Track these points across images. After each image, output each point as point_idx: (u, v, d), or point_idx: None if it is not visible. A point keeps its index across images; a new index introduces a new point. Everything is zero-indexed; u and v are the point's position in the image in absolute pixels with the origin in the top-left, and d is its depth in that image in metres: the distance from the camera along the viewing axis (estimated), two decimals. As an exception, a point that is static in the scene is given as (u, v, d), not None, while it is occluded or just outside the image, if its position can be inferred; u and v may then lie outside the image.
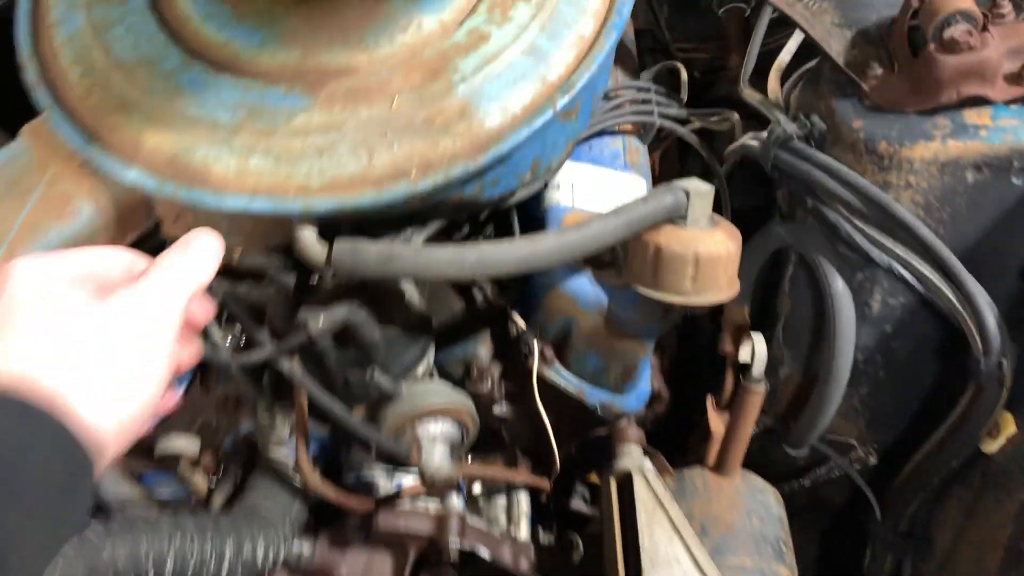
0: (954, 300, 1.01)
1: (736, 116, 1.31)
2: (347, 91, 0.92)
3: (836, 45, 1.09)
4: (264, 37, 0.96)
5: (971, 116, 1.00)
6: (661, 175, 1.51)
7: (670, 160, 1.58)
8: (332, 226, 0.94)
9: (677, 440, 1.39)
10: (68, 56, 0.98)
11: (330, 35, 0.95)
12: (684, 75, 1.39)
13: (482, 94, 0.92)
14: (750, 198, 1.36)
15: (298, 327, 0.93)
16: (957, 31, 0.98)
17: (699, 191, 0.98)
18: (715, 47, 1.70)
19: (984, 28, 0.99)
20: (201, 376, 1.17)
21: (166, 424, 1.14)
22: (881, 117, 1.03)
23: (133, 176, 0.89)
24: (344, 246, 0.88)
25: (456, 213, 1.07)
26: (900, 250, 1.03)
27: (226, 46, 0.96)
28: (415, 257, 0.89)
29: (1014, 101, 1.01)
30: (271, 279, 0.98)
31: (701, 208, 0.99)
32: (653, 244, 0.98)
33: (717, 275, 0.99)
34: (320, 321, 0.92)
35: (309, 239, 0.90)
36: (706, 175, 1.54)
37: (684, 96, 1.35)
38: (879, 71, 1.05)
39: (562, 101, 0.94)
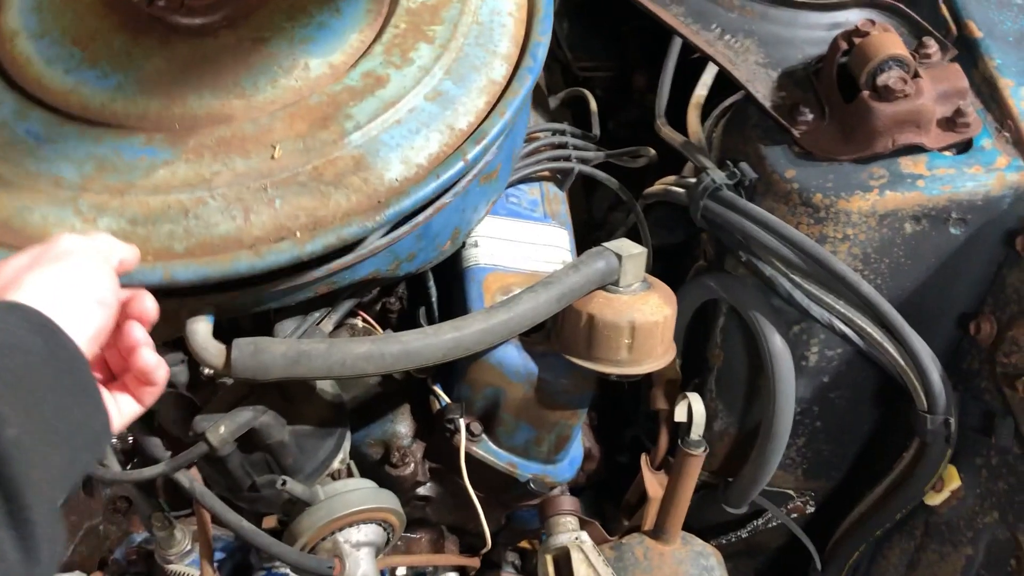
0: (896, 355, 0.98)
1: (653, 152, 1.25)
2: (219, 141, 0.81)
3: (762, 88, 1.04)
4: (120, 82, 0.84)
5: (907, 165, 0.96)
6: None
7: (575, 193, 1.52)
8: (228, 318, 0.83)
9: (607, 489, 1.34)
10: None
11: (199, 79, 0.84)
12: (594, 106, 1.32)
13: (380, 144, 0.82)
14: (669, 235, 1.31)
15: (196, 437, 0.81)
16: (891, 78, 0.93)
17: (631, 254, 0.92)
18: (617, 65, 1.64)
19: (916, 74, 0.95)
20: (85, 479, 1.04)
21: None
22: (814, 166, 0.99)
23: None
24: (245, 347, 0.78)
25: (370, 290, 0.97)
26: (839, 305, 0.99)
27: (73, 92, 0.84)
28: (327, 356, 0.79)
29: (947, 148, 0.98)
30: (161, 378, 0.86)
31: (634, 272, 0.93)
32: (585, 313, 0.91)
33: (654, 343, 0.93)
34: (221, 430, 0.81)
35: (203, 337, 0.79)
36: (616, 207, 1.49)
37: (596, 130, 1.28)
38: (809, 116, 1.00)
39: (473, 151, 0.84)
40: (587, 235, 1.45)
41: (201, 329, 0.79)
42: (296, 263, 0.76)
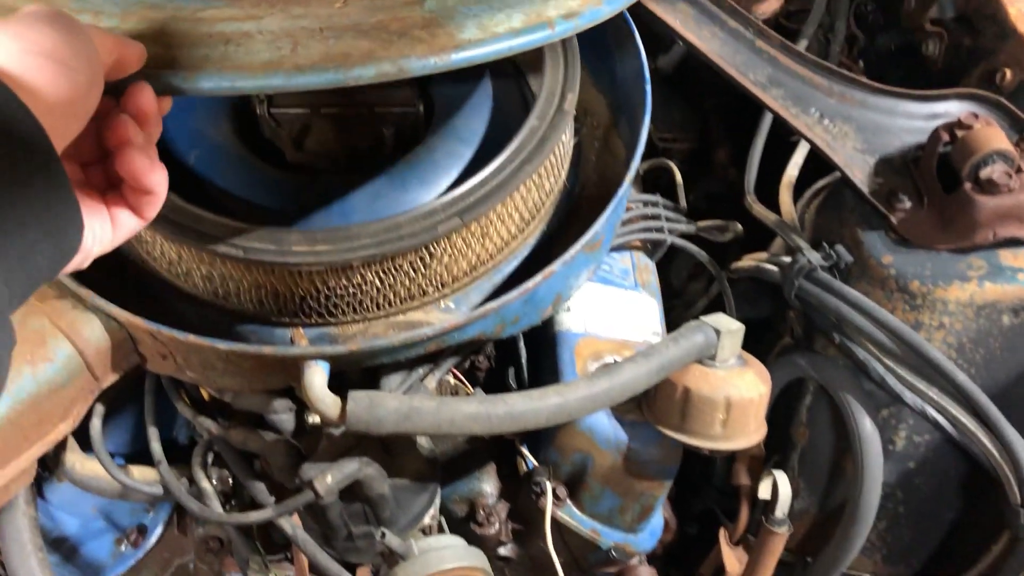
0: (990, 446, 0.97)
1: (740, 227, 1.27)
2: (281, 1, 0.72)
3: (859, 172, 1.06)
4: None
5: (1007, 257, 0.97)
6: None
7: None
8: (338, 371, 0.86)
9: (675, 560, 1.33)
10: None
11: None
12: (679, 178, 1.35)
13: (456, 11, 0.71)
14: (752, 310, 1.32)
15: (303, 485, 0.84)
16: (995, 172, 0.95)
17: (729, 330, 0.93)
18: (697, 138, 1.67)
19: (1019, 168, 0.96)
20: (178, 514, 1.06)
21: (138, 566, 1.03)
22: (911, 253, 1.00)
23: None
24: (361, 400, 0.80)
25: (475, 350, 1.00)
26: (932, 392, 0.99)
27: None
28: (437, 413, 0.81)
29: (1049, 242, 0.99)
30: (269, 425, 0.89)
31: (731, 347, 0.94)
32: (681, 386, 0.92)
33: (748, 419, 0.94)
34: (328, 479, 0.84)
35: (320, 388, 0.81)
36: (694, 277, 1.51)
37: (682, 201, 1.31)
38: (907, 204, 1.01)
39: (562, 25, 0.72)
40: (664, 303, 1.46)
41: (318, 380, 0.81)
42: (340, 84, 0.66)
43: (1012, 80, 1.12)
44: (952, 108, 1.08)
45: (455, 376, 1.05)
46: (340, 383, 0.84)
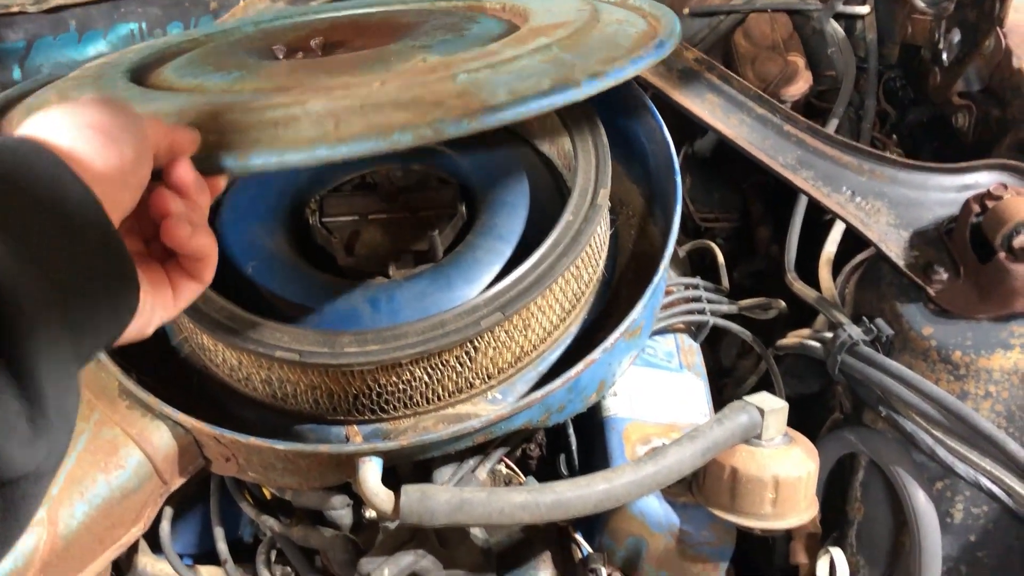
0: (1048, 515, 0.96)
1: (783, 304, 1.28)
2: (324, 87, 0.79)
3: (894, 247, 1.08)
4: (241, 75, 0.88)
5: (1048, 324, 0.98)
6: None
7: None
8: (391, 465, 0.89)
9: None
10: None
11: (315, 71, 0.87)
12: (721, 259, 1.37)
13: (488, 81, 0.76)
14: (800, 386, 1.33)
15: (362, 579, 0.87)
16: (1028, 240, 0.96)
17: (773, 408, 0.95)
18: (737, 217, 1.69)
19: (1052, 235, 0.97)
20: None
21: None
22: (952, 323, 1.01)
23: None
24: (413, 493, 0.83)
25: (525, 438, 1.03)
26: (986, 463, 0.98)
27: (196, 87, 0.87)
28: (487, 504, 0.84)
29: (1087, 306, 0.99)
30: (328, 521, 0.93)
31: (776, 426, 0.95)
32: (729, 466, 0.94)
33: (797, 497, 0.94)
34: (385, 572, 0.86)
35: (374, 483, 0.84)
36: (743, 355, 1.52)
37: (724, 281, 1.33)
38: (944, 275, 1.02)
39: (591, 83, 0.78)
40: (715, 382, 1.48)
41: (371, 475, 0.85)
42: (380, 152, 0.70)
43: (1041, 149, 1.14)
44: (982, 179, 1.10)
45: (507, 465, 1.07)
46: (394, 477, 0.88)
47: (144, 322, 0.61)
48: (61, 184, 0.50)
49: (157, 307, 0.63)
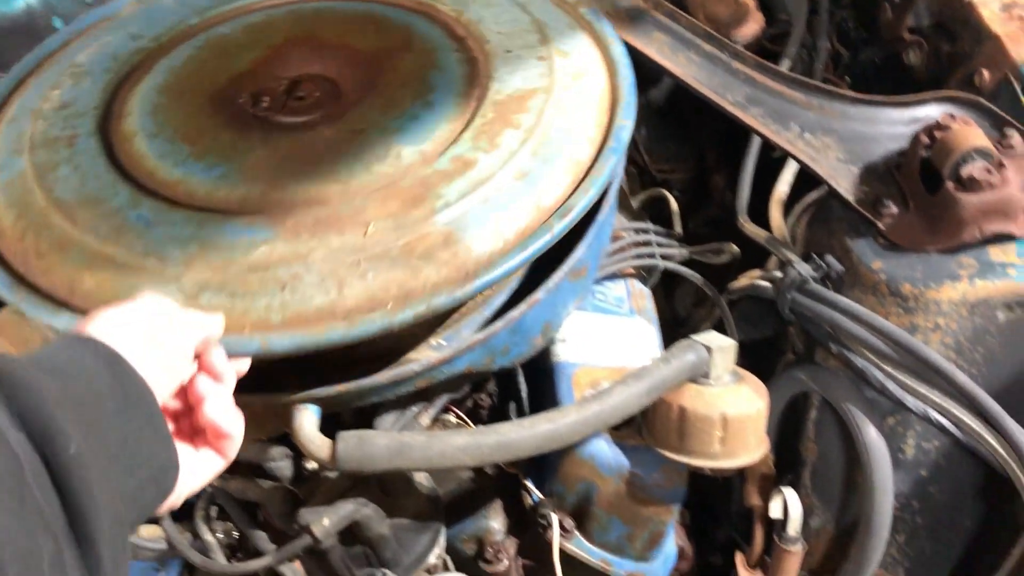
0: (997, 447, 0.95)
1: (735, 248, 1.27)
2: (315, 221, 0.84)
3: (844, 182, 1.06)
4: (224, 172, 0.90)
5: (996, 254, 0.97)
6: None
7: (657, 292, 1.54)
8: (331, 414, 0.86)
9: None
10: (2, 201, 0.91)
11: (299, 167, 0.90)
12: (675, 205, 1.35)
13: (468, 220, 0.84)
14: (754, 330, 1.31)
15: (301, 530, 0.84)
16: (975, 169, 0.94)
17: (721, 347, 0.93)
18: (694, 167, 1.67)
19: (1000, 164, 0.96)
20: (188, 570, 1.07)
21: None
22: (901, 257, 0.99)
23: (64, 322, 0.80)
24: (349, 439, 0.81)
25: (464, 384, 1.00)
26: (935, 395, 0.97)
27: (181, 183, 0.90)
28: (428, 447, 0.81)
29: (1038, 234, 0.98)
30: (267, 473, 0.90)
31: (723, 364, 0.94)
32: (676, 406, 0.92)
33: (746, 435, 0.93)
34: (324, 522, 0.84)
35: (310, 431, 0.82)
36: (699, 303, 1.50)
37: (678, 228, 1.31)
38: (893, 209, 1.01)
39: (559, 225, 0.85)
40: (671, 332, 1.46)
41: (307, 422, 0.82)
42: (387, 332, 0.78)
43: (990, 80, 1.12)
44: (931, 111, 1.08)
45: (457, 415, 1.05)
46: (334, 427, 0.85)
47: (175, 497, 0.67)
48: (128, 386, 0.59)
49: (187, 482, 0.68)
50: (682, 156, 1.68)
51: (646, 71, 1.24)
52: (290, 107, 0.97)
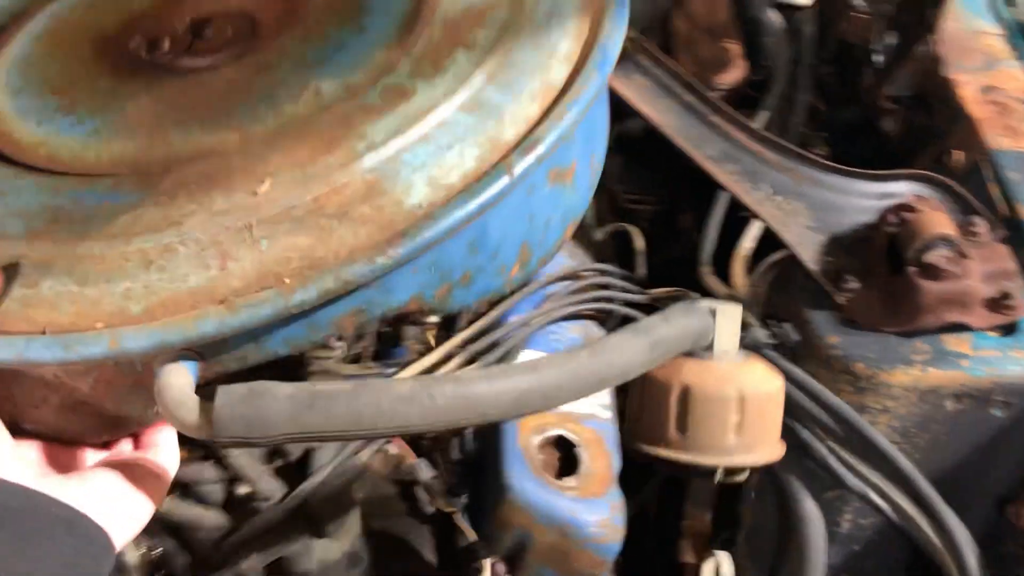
0: (931, 534, 0.96)
1: (696, 296, 1.26)
2: (199, 176, 0.67)
3: (809, 251, 1.06)
4: (96, 126, 0.74)
5: (951, 343, 0.97)
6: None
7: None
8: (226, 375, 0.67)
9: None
10: None
11: (187, 115, 0.73)
12: (640, 244, 1.34)
13: (400, 165, 0.67)
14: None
15: (227, 559, 0.82)
16: (938, 257, 0.95)
17: (726, 312, 0.78)
18: (664, 200, 1.67)
19: (963, 254, 0.96)
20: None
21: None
22: (858, 335, 0.99)
23: None
24: (234, 393, 0.58)
25: (407, 342, 0.82)
26: (875, 477, 0.98)
27: (42, 143, 0.73)
28: (354, 398, 0.58)
29: (993, 328, 0.98)
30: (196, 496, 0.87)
31: (729, 334, 0.80)
32: (678, 385, 0.79)
33: (767, 421, 0.81)
34: (251, 555, 0.82)
35: (179, 391, 0.59)
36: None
37: (641, 269, 1.30)
38: (854, 285, 1.01)
39: (522, 163, 0.67)
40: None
41: (176, 379, 0.60)
42: (281, 318, 0.61)
43: (961, 162, 1.13)
44: (903, 188, 1.08)
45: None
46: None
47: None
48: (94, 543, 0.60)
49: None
50: (654, 187, 1.67)
51: (624, 105, 1.23)
52: (195, 49, 0.80)
